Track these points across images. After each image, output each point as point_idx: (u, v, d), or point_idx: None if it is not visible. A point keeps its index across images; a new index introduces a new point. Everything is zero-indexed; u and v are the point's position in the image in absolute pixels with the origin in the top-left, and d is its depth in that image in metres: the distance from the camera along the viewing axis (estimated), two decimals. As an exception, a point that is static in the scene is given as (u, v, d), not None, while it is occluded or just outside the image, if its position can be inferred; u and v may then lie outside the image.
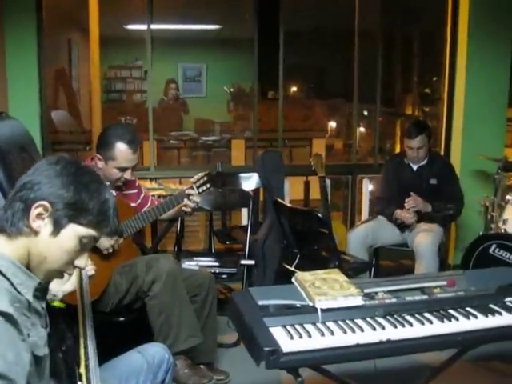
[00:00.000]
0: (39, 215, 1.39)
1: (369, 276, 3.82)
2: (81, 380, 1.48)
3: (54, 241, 1.41)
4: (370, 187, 4.66)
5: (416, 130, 3.71)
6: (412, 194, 3.68)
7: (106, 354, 2.14)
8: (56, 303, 1.83)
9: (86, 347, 1.58)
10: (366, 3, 4.76)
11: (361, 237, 3.80)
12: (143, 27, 4.46)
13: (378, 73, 4.63)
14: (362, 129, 7.77)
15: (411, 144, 3.73)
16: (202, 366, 2.91)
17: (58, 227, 1.41)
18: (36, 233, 1.40)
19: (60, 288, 1.89)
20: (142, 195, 3.13)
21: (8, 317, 1.25)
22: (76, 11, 6.28)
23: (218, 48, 8.96)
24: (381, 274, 4.06)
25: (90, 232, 1.44)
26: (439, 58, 4.87)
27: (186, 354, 2.79)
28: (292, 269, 3.32)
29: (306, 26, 7.92)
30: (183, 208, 2.94)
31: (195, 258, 3.44)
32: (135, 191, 3.10)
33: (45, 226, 1.40)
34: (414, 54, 7.86)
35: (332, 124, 8.82)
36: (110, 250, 2.77)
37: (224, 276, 3.53)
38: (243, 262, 3.54)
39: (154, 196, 3.75)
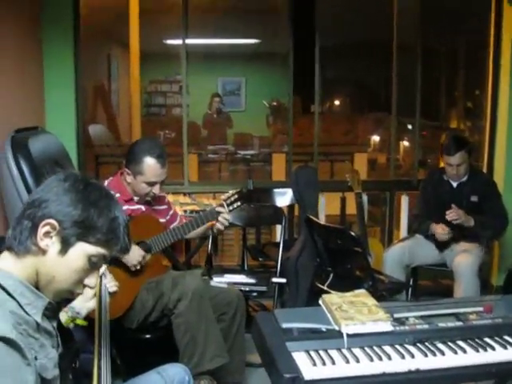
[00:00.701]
0: (47, 233, 1.36)
1: (405, 297, 3.70)
2: (92, 403, 1.43)
3: (63, 260, 1.38)
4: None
5: (455, 146, 3.57)
6: (453, 205, 3.53)
7: (130, 372, 2.12)
8: (79, 321, 1.81)
9: (99, 368, 1.53)
10: (405, 16, 4.66)
11: (397, 256, 3.68)
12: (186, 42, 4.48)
13: (417, 86, 4.51)
14: (405, 143, 7.62)
15: (450, 161, 3.59)
16: (229, 387, 2.85)
17: (66, 246, 1.38)
18: (44, 252, 1.37)
19: (84, 305, 1.86)
20: (171, 212, 3.10)
21: (9, 342, 1.21)
22: (116, 26, 6.38)
23: (257, 62, 8.99)
24: (419, 295, 3.92)
25: (99, 250, 1.40)
26: (483, 72, 4.73)
27: (212, 374, 2.72)
28: (325, 288, 3.23)
29: (347, 40, 7.87)
30: (213, 226, 2.91)
31: (226, 275, 3.38)
32: (165, 207, 3.08)
33: (53, 245, 1.37)
34: (459, 67, 7.69)
35: (375, 138, 8.70)
36: (138, 267, 2.75)
37: (254, 294, 3.46)
38: (274, 279, 3.47)
39: (185, 211, 3.75)
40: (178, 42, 4.50)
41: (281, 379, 1.64)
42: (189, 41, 4.54)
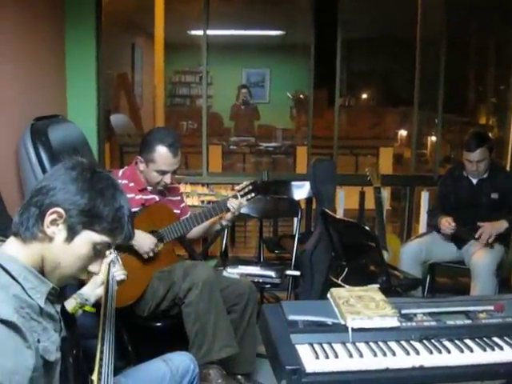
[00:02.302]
0: (53, 221, 1.38)
1: (422, 293, 3.66)
2: (91, 387, 1.44)
3: (68, 247, 1.40)
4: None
5: (476, 142, 3.51)
6: (480, 224, 3.48)
7: (141, 358, 2.14)
8: (87, 308, 1.83)
9: (102, 352, 1.55)
10: (431, 9, 4.58)
11: (414, 252, 3.64)
12: (208, 33, 4.48)
13: (440, 80, 4.44)
14: (433, 138, 7.51)
15: (470, 157, 3.53)
16: (239, 377, 2.86)
17: (72, 234, 1.40)
18: (50, 239, 1.39)
19: (93, 292, 1.89)
20: (183, 205, 3.13)
21: (10, 325, 1.23)
22: (141, 16, 6.40)
23: (281, 54, 8.94)
24: (435, 292, 3.88)
25: (104, 239, 1.42)
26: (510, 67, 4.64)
27: (222, 364, 2.74)
28: (339, 282, 3.21)
29: (373, 33, 7.78)
30: (221, 219, 2.92)
31: (240, 266, 3.38)
32: (178, 198, 3.10)
33: (59, 232, 1.39)
34: (489, 63, 7.55)
35: (402, 132, 8.60)
36: (151, 254, 2.77)
37: (268, 286, 3.46)
38: (288, 272, 3.46)
39: (203, 202, 3.78)
40: (201, 32, 4.49)
41: (282, 371, 1.63)
42: (213, 32, 4.54)
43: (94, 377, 1.47)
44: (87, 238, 1.41)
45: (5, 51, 3.23)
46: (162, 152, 2.79)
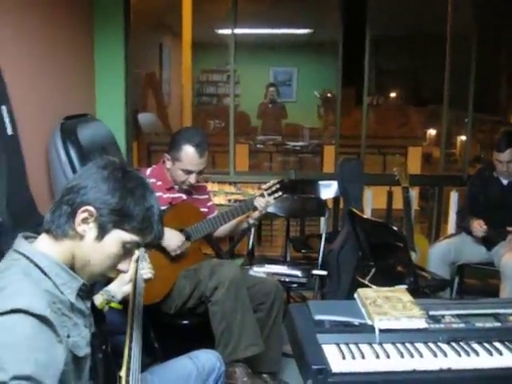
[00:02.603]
0: (84, 220, 1.40)
1: (450, 295, 3.62)
2: (120, 383, 1.46)
3: (98, 245, 1.42)
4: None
5: (506, 142, 3.44)
6: (509, 229, 3.42)
7: (168, 355, 2.16)
8: (113, 304, 1.85)
9: (130, 349, 1.57)
10: (460, 6, 4.52)
11: (442, 253, 3.60)
12: (236, 31, 4.49)
13: (470, 79, 4.38)
14: (463, 137, 7.41)
15: (500, 157, 3.47)
16: (264, 376, 2.86)
17: (102, 232, 1.42)
18: (81, 237, 1.41)
19: (119, 289, 1.91)
20: (210, 203, 3.14)
21: (43, 319, 1.25)
22: (168, 16, 6.44)
23: (309, 52, 8.91)
24: (464, 294, 3.83)
25: (134, 238, 1.44)
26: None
27: (247, 363, 2.74)
28: (365, 282, 3.19)
29: (401, 31, 7.71)
30: (248, 218, 2.92)
31: (266, 265, 3.39)
32: (206, 196, 3.11)
33: (90, 231, 1.41)
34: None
35: (431, 131, 8.50)
36: (178, 252, 2.79)
37: (294, 285, 3.45)
38: (315, 271, 3.45)
39: (229, 201, 3.79)
40: (229, 31, 4.50)
41: (308, 370, 1.63)
42: (240, 31, 4.55)
43: (122, 373, 1.49)
44: (117, 237, 1.43)
45: (35, 51, 3.28)
46: (188, 151, 2.81)
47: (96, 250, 1.43)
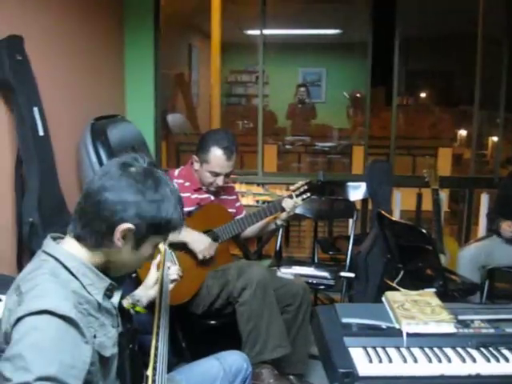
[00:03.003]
0: (123, 236, 1.41)
1: (480, 299, 3.56)
2: (146, 382, 1.47)
3: (135, 252, 1.46)
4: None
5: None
6: None
7: (195, 355, 2.17)
8: (138, 308, 1.87)
9: (156, 348, 1.58)
10: (491, 6, 4.45)
11: (472, 256, 3.54)
12: (264, 32, 4.50)
13: (502, 79, 4.32)
14: (495, 138, 7.28)
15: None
16: (291, 377, 2.85)
17: (139, 242, 1.45)
18: (118, 247, 1.43)
19: (145, 293, 1.92)
20: (238, 204, 3.14)
21: (69, 320, 1.27)
22: (197, 17, 6.47)
23: (338, 52, 8.87)
24: (494, 298, 3.76)
25: (166, 237, 1.51)
26: None
27: (274, 364, 2.74)
28: (394, 285, 3.16)
29: (431, 32, 7.62)
30: (276, 219, 2.92)
31: (294, 267, 3.38)
32: (234, 197, 3.12)
33: (127, 243, 1.43)
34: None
35: (462, 132, 8.38)
36: (207, 257, 2.80)
37: (322, 287, 3.44)
38: (342, 274, 3.43)
39: (257, 202, 3.79)
40: (258, 32, 4.51)
41: (335, 373, 1.62)
42: (268, 31, 4.55)
43: (149, 372, 1.49)
44: (153, 242, 1.48)
45: (67, 53, 3.33)
46: (216, 154, 2.82)
47: (132, 257, 1.48)
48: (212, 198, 2.97)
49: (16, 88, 2.68)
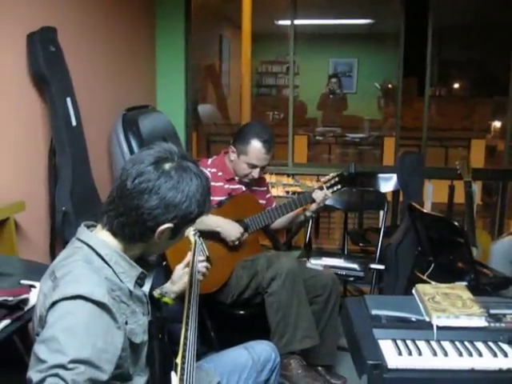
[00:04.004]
0: (162, 233, 1.45)
1: (513, 293, 3.50)
2: (176, 370, 1.49)
3: (171, 241, 1.53)
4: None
5: None
6: None
7: (224, 344, 2.19)
8: (166, 299, 1.89)
9: (186, 337, 1.59)
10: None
11: (505, 249, 3.47)
12: (295, 22, 4.47)
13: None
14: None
15: None
16: (319, 368, 2.86)
17: (176, 233, 1.50)
18: (157, 243, 1.49)
19: (172, 288, 1.94)
20: (269, 195, 3.15)
21: (102, 305, 1.30)
22: (228, 7, 6.46)
23: (369, 43, 8.77)
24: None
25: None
26: None
27: (302, 355, 2.75)
28: (424, 277, 3.12)
29: (465, 19, 7.47)
30: (305, 210, 2.91)
31: (323, 258, 3.37)
32: (264, 189, 3.13)
33: (165, 236, 1.47)
34: None
35: (496, 124, 8.22)
36: (236, 243, 2.82)
37: (351, 279, 3.42)
38: (372, 266, 3.41)
39: (288, 193, 3.79)
40: (288, 22, 4.49)
41: (364, 365, 1.61)
42: (299, 21, 4.52)
43: (179, 360, 1.51)
44: (187, 231, 1.58)
45: (99, 44, 3.37)
46: (256, 146, 2.84)
47: (168, 245, 1.55)
48: (243, 188, 2.98)
49: (49, 79, 2.73)
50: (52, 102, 2.76)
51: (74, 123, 2.86)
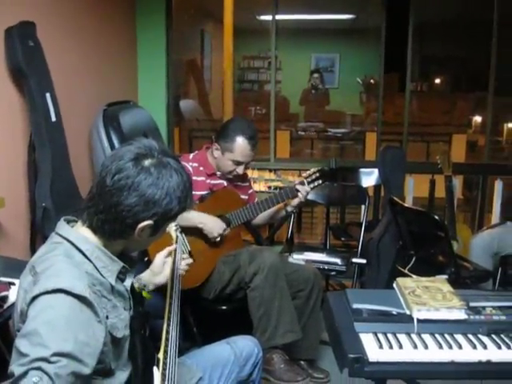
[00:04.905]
0: (142, 230, 1.44)
1: (492, 286, 3.54)
2: (158, 365, 1.48)
3: (151, 238, 1.52)
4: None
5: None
6: None
7: (206, 340, 2.19)
8: (144, 294, 1.87)
9: (168, 332, 1.59)
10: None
11: (485, 243, 3.51)
12: (277, 17, 4.47)
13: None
14: (510, 125, 7.20)
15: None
16: (302, 363, 2.87)
17: (156, 231, 1.49)
18: (137, 240, 1.48)
19: (151, 280, 1.91)
20: (251, 191, 3.15)
21: (83, 299, 1.29)
22: (209, 2, 6.43)
23: (351, 38, 8.79)
24: (508, 285, 3.74)
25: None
26: None
27: (285, 349, 2.76)
28: (405, 271, 3.15)
29: (446, 16, 7.52)
30: (286, 206, 2.92)
31: (305, 253, 3.38)
32: (246, 184, 3.13)
33: (145, 233, 1.46)
34: None
35: (477, 119, 8.29)
36: (218, 239, 2.81)
37: (333, 273, 3.44)
38: (354, 260, 3.42)
39: (270, 188, 3.80)
40: (270, 17, 4.48)
41: (345, 359, 1.62)
42: (281, 17, 4.52)
43: (161, 355, 1.51)
44: (168, 228, 1.57)
45: (79, 39, 3.34)
46: (241, 143, 2.83)
47: (148, 242, 1.55)
48: (225, 183, 2.97)
49: (28, 74, 2.70)
50: (31, 97, 2.73)
51: (53, 118, 2.83)
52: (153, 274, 1.89)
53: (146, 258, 2.50)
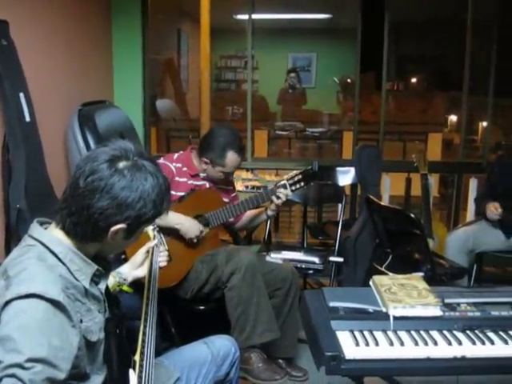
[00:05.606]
0: (116, 233, 1.42)
1: (468, 283, 3.58)
2: (134, 367, 1.47)
3: (126, 241, 1.49)
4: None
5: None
6: None
7: (184, 340, 2.18)
8: (125, 287, 1.86)
9: (144, 334, 1.58)
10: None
11: (460, 240, 3.55)
12: (254, 17, 4.46)
13: (491, 65, 4.32)
14: (484, 123, 7.28)
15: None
16: (280, 361, 2.88)
17: (131, 233, 1.46)
18: (110, 243, 1.46)
19: (131, 273, 1.92)
20: (234, 194, 3.15)
21: (57, 304, 1.28)
22: (186, 1, 6.40)
23: (328, 38, 8.82)
24: (483, 282, 3.79)
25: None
26: None
27: (263, 348, 2.76)
28: (382, 269, 3.18)
29: (421, 16, 7.60)
30: (266, 209, 2.92)
31: (283, 252, 3.38)
32: (230, 187, 3.12)
33: (119, 236, 1.44)
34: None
35: (452, 118, 8.38)
36: (195, 241, 2.80)
37: (311, 271, 3.45)
38: (331, 258, 3.45)
39: (247, 187, 3.79)
40: (247, 16, 4.48)
41: (322, 357, 1.63)
42: (257, 16, 4.51)
43: (137, 357, 1.50)
44: (143, 230, 1.51)
45: (53, 38, 3.30)
46: (233, 158, 2.84)
47: (123, 245, 1.53)
48: (207, 185, 2.96)
49: (1, 73, 2.66)
50: (4, 97, 2.70)
51: (27, 119, 2.79)
52: (133, 266, 1.90)
53: (123, 257, 2.48)
